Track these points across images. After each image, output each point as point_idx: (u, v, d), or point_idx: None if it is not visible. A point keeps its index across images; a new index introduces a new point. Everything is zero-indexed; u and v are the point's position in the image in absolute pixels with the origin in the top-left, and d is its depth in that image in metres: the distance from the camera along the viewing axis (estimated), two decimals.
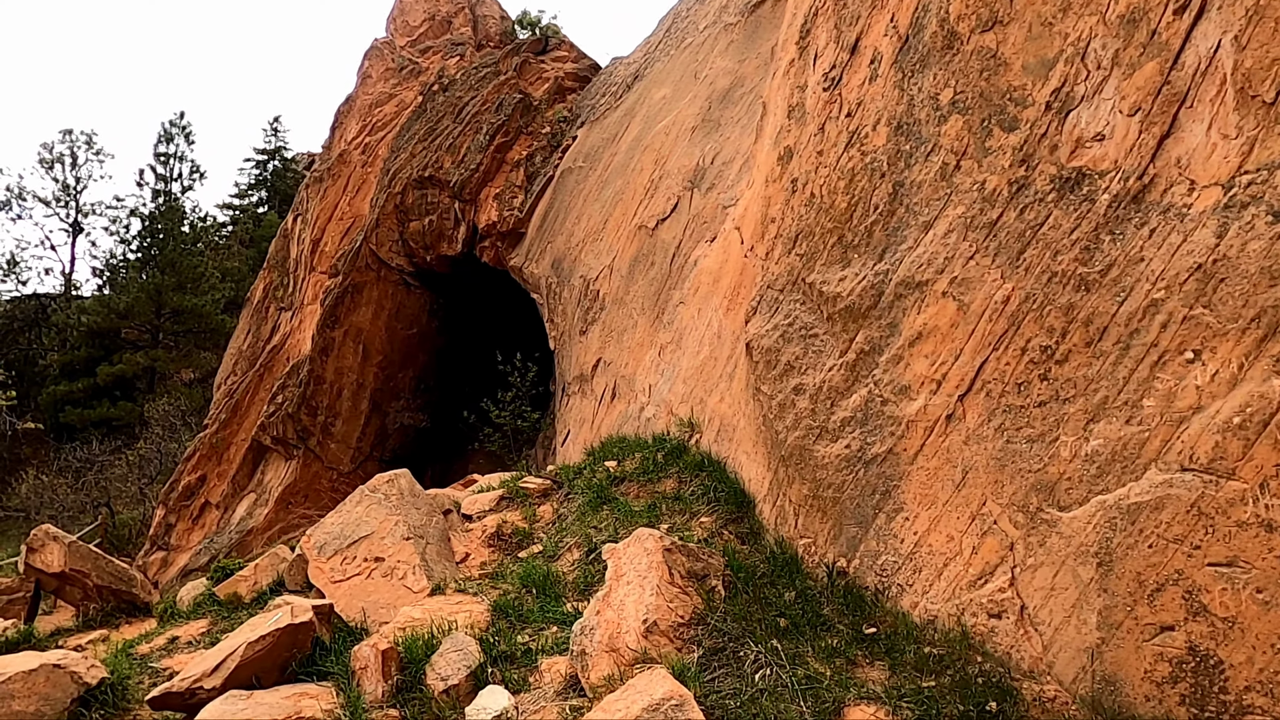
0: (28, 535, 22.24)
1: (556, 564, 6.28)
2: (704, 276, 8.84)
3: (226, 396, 18.19)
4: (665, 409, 8.68)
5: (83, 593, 8.11)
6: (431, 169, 16.92)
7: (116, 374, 29.88)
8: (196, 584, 7.85)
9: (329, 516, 6.91)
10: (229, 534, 16.57)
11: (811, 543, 5.46)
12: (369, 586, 6.26)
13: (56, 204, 35.59)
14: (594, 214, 13.84)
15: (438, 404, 19.94)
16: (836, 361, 5.80)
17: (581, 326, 12.55)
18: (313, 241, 17.92)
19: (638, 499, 6.98)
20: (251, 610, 7.08)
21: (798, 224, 6.81)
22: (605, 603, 4.69)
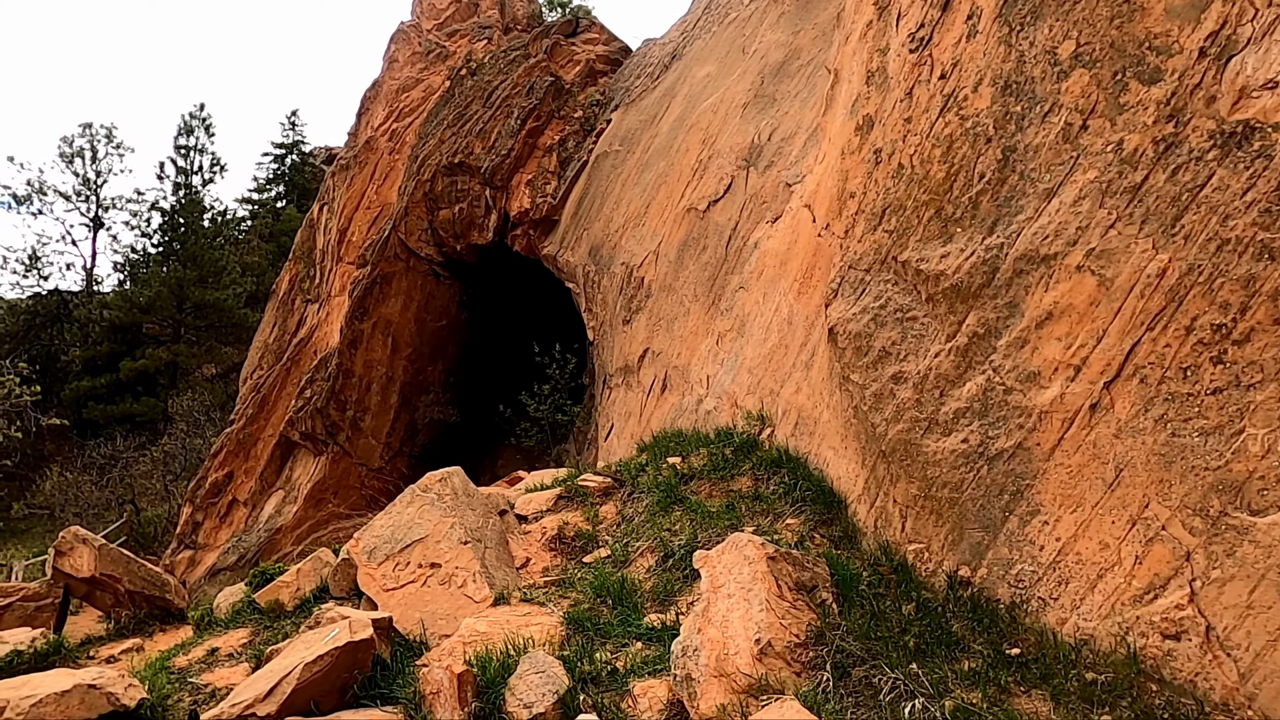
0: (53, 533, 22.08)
1: (629, 570, 5.76)
2: (768, 259, 8.28)
3: (253, 391, 17.81)
4: (729, 401, 8.14)
5: (114, 598, 7.68)
6: (461, 155, 16.43)
7: (139, 369, 29.66)
8: (234, 590, 7.40)
9: (378, 518, 6.43)
10: (257, 532, 16.20)
11: (924, 548, 4.91)
12: (425, 595, 5.76)
13: (77, 198, 35.44)
14: (634, 198, 13.31)
15: (467, 398, 19.50)
16: (943, 347, 5.23)
17: (625, 316, 12.02)
18: (339, 231, 17.48)
19: (711, 498, 6.45)
20: (295, 619, 6.61)
21: (884, 198, 6.24)
22: (705, 619, 4.16)
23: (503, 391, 21.36)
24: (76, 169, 35.35)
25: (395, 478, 18.05)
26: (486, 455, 21.40)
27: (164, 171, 32.96)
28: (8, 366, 18.11)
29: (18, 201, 34.18)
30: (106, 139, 36.14)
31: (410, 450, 18.32)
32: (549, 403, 14.09)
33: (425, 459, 19.01)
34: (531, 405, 14.48)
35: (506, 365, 21.01)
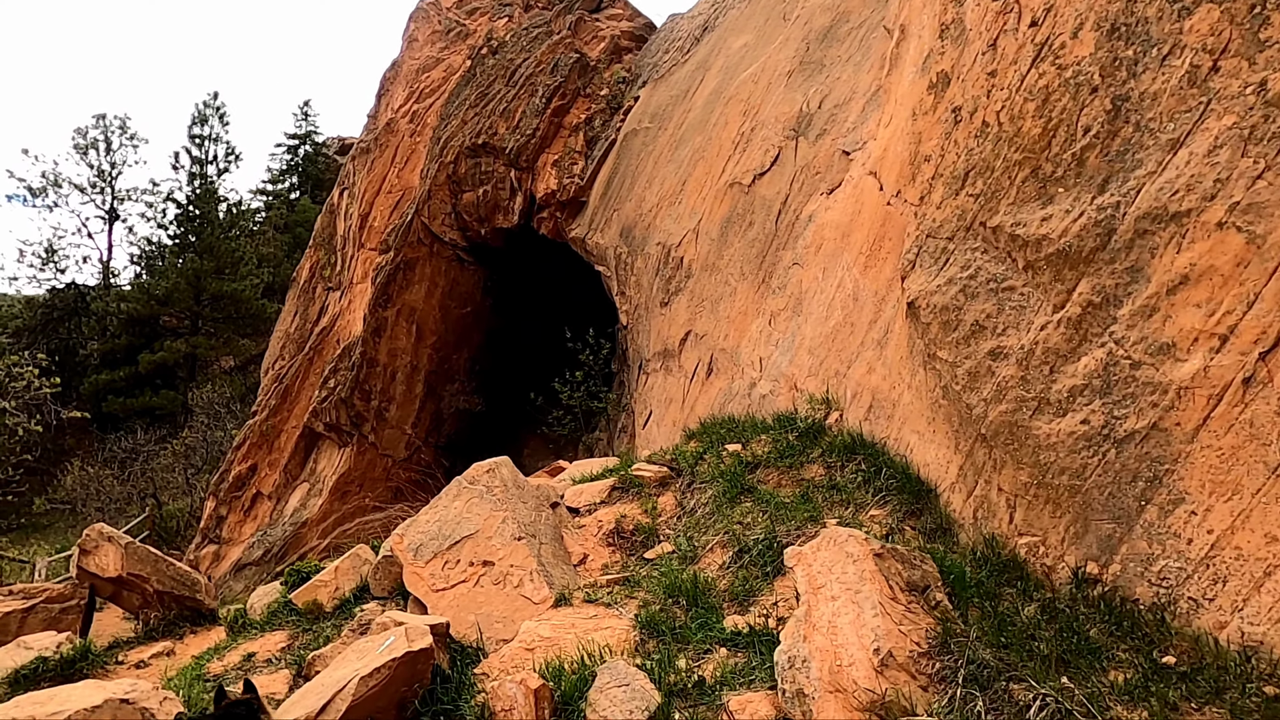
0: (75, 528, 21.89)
1: (699, 568, 5.31)
2: (827, 231, 7.78)
3: (275, 382, 17.47)
4: (787, 384, 7.67)
5: (142, 599, 7.30)
6: (485, 135, 15.96)
7: (158, 361, 29.46)
8: (269, 589, 7.01)
9: (422, 513, 6.00)
10: (283, 526, 15.88)
11: (1038, 542, 4.43)
12: (479, 596, 5.34)
13: (92, 190, 35.22)
14: (669, 176, 12.81)
15: (492, 387, 19.10)
16: (1050, 319, 4.75)
17: (663, 298, 11.55)
18: (360, 216, 17.07)
19: (781, 488, 5.99)
20: (335, 621, 6.21)
21: (966, 159, 5.74)
22: (809, 624, 3.70)
23: (529, 380, 20.94)
24: (91, 160, 35.15)
25: (421, 469, 17.69)
26: (512, 445, 21.00)
27: (179, 161, 32.73)
28: (26, 358, 17.85)
29: (33, 194, 34.05)
30: (120, 130, 35.90)
31: (436, 441, 17.94)
32: (582, 389, 13.62)
33: (451, 449, 18.65)
34: (565, 392, 14.01)
35: (532, 353, 20.58)
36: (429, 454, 17.80)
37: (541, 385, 21.53)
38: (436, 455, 17.99)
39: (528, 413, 21.36)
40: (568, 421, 14.74)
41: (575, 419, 14.82)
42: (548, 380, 21.52)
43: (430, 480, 18.23)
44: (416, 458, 17.49)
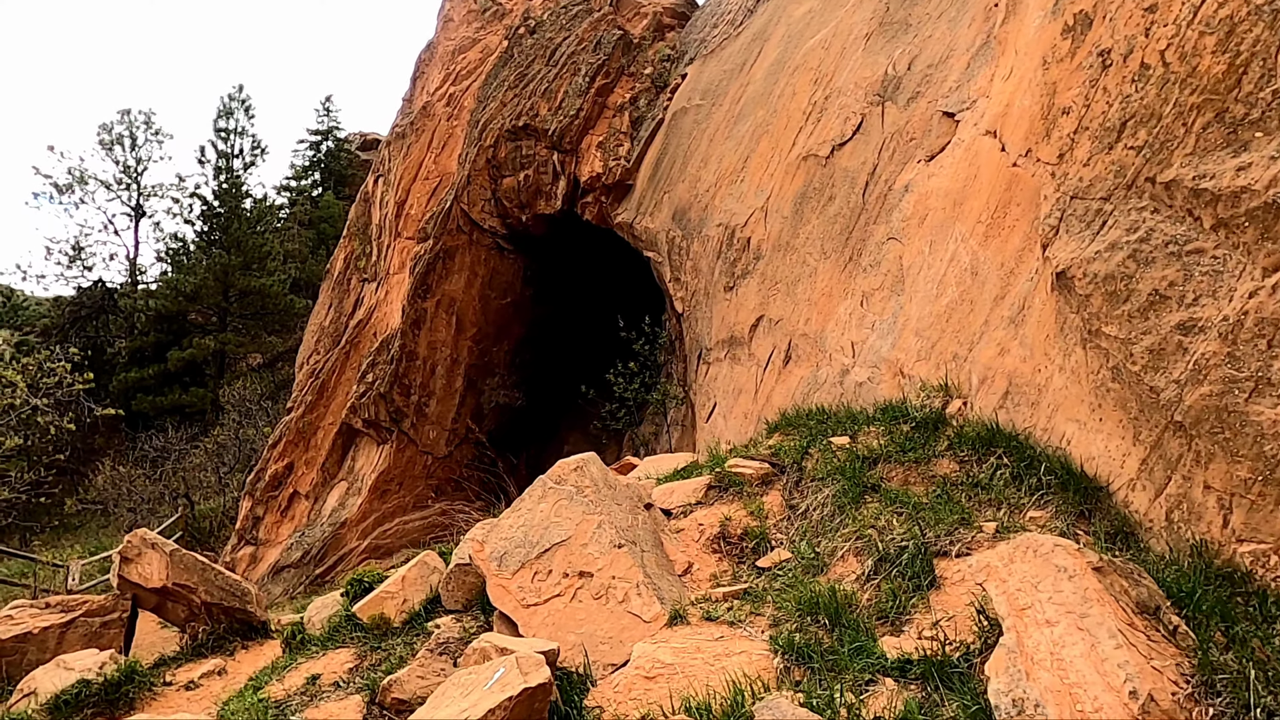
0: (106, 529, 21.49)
1: (830, 579, 4.63)
2: (932, 201, 7.06)
3: (310, 377, 16.96)
4: (889, 370, 6.96)
5: (187, 611, 6.73)
6: (526, 117, 15.33)
7: (187, 359, 29.16)
8: (327, 601, 6.41)
9: (504, 517, 5.36)
10: (321, 527, 15.37)
11: (1269, 550, 3.70)
12: (578, 613, 4.69)
13: (118, 186, 34.98)
14: (727, 153, 12.11)
15: (532, 380, 18.50)
16: (1262, 284, 4.01)
17: (727, 282, 10.86)
18: (397, 204, 16.49)
19: (910, 486, 5.29)
20: (405, 638, 5.60)
21: (1121, 108, 5.00)
22: (1024, 657, 3.01)
23: (569, 373, 20.32)
24: (116, 156, 34.90)
25: (461, 466, 17.14)
26: (553, 440, 20.42)
27: (204, 156, 32.39)
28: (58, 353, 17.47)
29: (60, 191, 33.85)
30: (145, 125, 35.66)
31: (477, 437, 17.36)
32: (638, 381, 12.94)
33: (491, 445, 18.07)
34: (619, 384, 13.34)
35: (573, 345, 19.96)
36: (469, 451, 17.23)
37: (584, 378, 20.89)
38: (476, 452, 17.41)
39: (568, 407, 20.76)
40: (622, 415, 14.08)
41: (629, 412, 14.15)
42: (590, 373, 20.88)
43: (472, 477, 17.67)
44: (457, 454, 16.92)
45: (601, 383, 16.29)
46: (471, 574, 5.87)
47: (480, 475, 17.89)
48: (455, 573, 5.85)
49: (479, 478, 17.85)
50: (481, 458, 17.64)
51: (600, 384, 14.99)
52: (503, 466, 18.98)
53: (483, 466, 17.81)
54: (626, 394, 13.29)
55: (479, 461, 17.56)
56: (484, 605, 5.51)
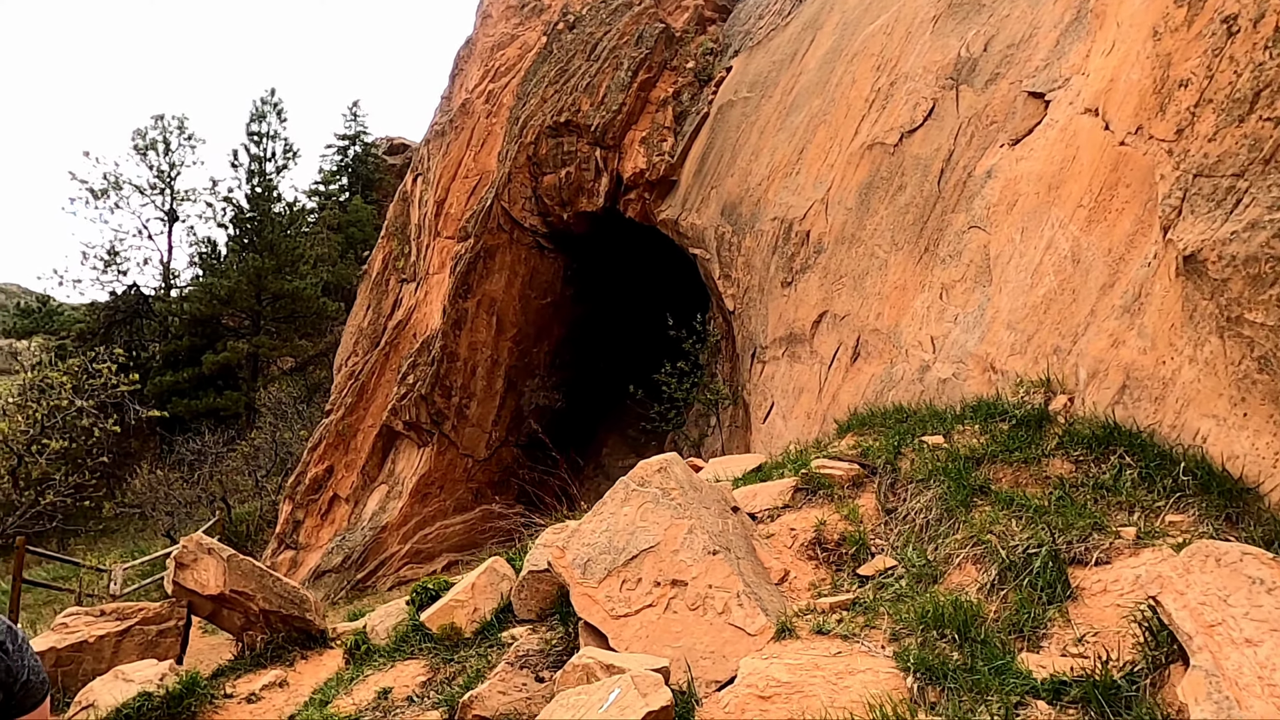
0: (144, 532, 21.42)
1: (948, 589, 4.27)
2: (1023, 186, 6.67)
3: (349, 379, 16.79)
4: (977, 365, 6.58)
5: (244, 619, 6.47)
6: (568, 113, 15.06)
7: (222, 362, 29.21)
8: (391, 609, 6.13)
9: (585, 521, 5.05)
10: (361, 531, 15.17)
11: None
12: (673, 625, 4.36)
13: (152, 191, 35.19)
14: (781, 145, 11.76)
15: (572, 382, 18.22)
16: None
17: (784, 277, 10.51)
18: (436, 203, 16.29)
19: (1022, 487, 4.92)
20: (479, 649, 5.31)
21: (1253, 77, 4.62)
22: (1228, 681, 2.65)
23: (609, 375, 20.05)
24: (150, 161, 35.11)
25: (501, 469, 16.89)
26: (591, 443, 20.15)
27: (237, 159, 32.48)
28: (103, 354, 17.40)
29: (95, 196, 34.07)
30: (179, 130, 35.84)
31: (517, 439, 17.11)
32: (689, 381, 12.59)
33: (531, 448, 17.80)
34: (670, 384, 13.00)
35: (613, 347, 19.68)
36: (509, 453, 16.98)
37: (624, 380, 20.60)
38: (516, 455, 17.16)
39: (607, 410, 20.49)
40: (672, 416, 13.74)
41: (678, 413, 13.83)
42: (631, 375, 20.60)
43: (512, 480, 17.43)
44: (496, 458, 16.68)
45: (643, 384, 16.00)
46: (546, 581, 5.57)
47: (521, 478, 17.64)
48: (528, 580, 5.56)
49: (520, 481, 17.60)
50: (522, 460, 17.39)
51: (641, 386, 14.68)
52: (544, 470, 18.73)
53: (523, 469, 17.56)
54: (677, 394, 12.94)
55: (519, 464, 17.31)
56: (563, 615, 5.22)
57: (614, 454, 20.24)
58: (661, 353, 19.36)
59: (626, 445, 20.49)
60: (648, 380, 20.41)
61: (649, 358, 20.59)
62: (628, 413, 21.16)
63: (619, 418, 20.76)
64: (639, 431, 21.37)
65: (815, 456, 6.16)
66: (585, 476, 20.09)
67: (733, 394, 12.24)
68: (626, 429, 20.79)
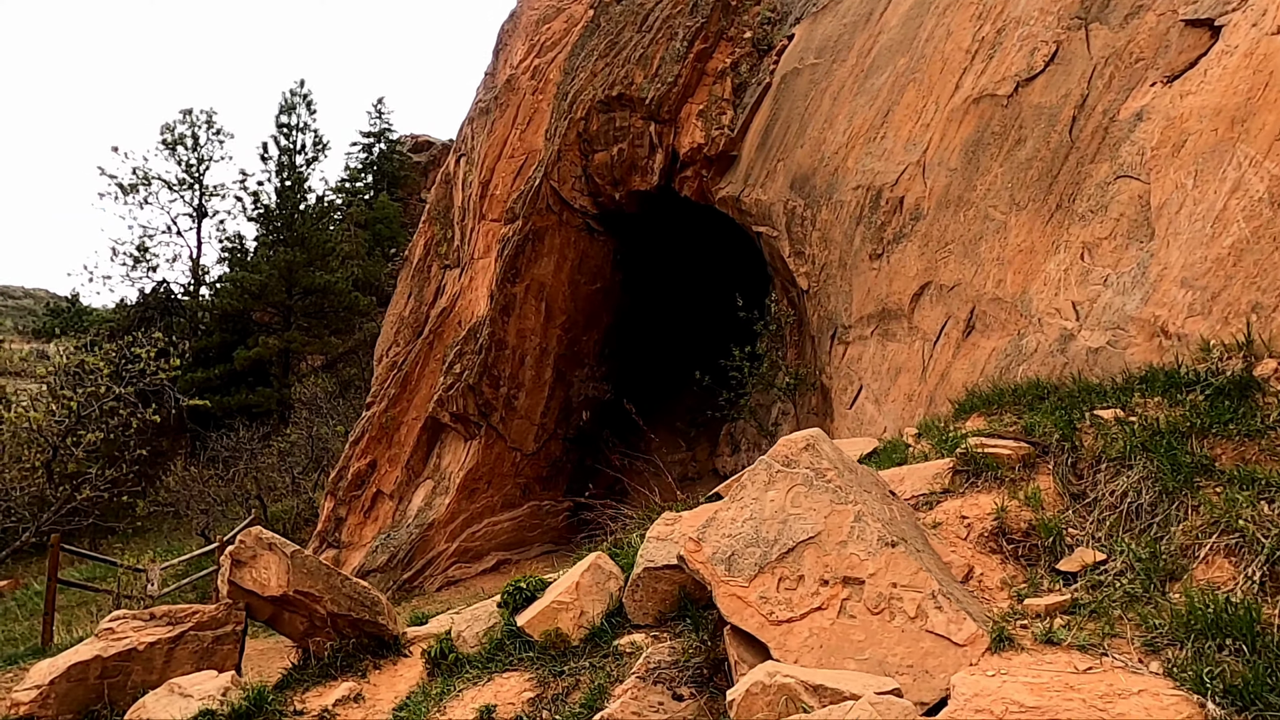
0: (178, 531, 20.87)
1: (1193, 586, 3.45)
2: (1191, 124, 5.82)
3: (392, 370, 16.14)
4: (1142, 330, 5.74)
5: (307, 623, 5.77)
6: (620, 86, 14.31)
7: (253, 358, 28.73)
8: (479, 612, 5.39)
9: (722, 509, 4.28)
10: (407, 528, 14.51)
11: None
12: (852, 632, 3.59)
13: (181, 186, 34.80)
14: (860, 110, 10.94)
15: (619, 373, 17.46)
16: None
17: (873, 249, 9.69)
18: (481, 185, 15.59)
19: (1254, 464, 4.08)
20: (593, 659, 4.56)
21: None
22: None
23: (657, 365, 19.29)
24: (179, 156, 34.73)
25: (549, 463, 16.17)
26: (635, 437, 19.37)
27: (267, 152, 31.99)
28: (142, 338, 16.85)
29: (124, 191, 33.77)
30: (207, 125, 35.47)
31: (565, 433, 16.38)
32: (765, 363, 11.74)
33: (579, 442, 17.10)
34: (743, 369, 12.18)
35: (662, 336, 18.92)
36: (557, 447, 16.26)
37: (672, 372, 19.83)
38: (564, 448, 16.44)
39: (655, 402, 19.71)
40: (743, 401, 12.92)
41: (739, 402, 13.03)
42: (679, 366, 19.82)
43: (560, 476, 16.71)
44: (545, 451, 15.96)
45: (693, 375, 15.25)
46: (665, 580, 4.81)
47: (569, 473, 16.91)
48: (644, 579, 4.80)
49: (568, 475, 16.88)
50: (570, 454, 16.67)
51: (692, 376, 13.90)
52: (592, 464, 17.99)
53: (570, 464, 16.83)
54: (748, 379, 12.10)
55: (567, 458, 16.59)
56: (695, 620, 4.46)
57: (663, 447, 19.46)
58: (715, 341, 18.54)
59: (676, 439, 19.72)
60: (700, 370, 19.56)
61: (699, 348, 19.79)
62: (676, 406, 20.38)
63: (667, 411, 19.98)
64: (688, 425, 20.59)
65: (968, 436, 5.34)
66: (635, 471, 19.33)
67: (815, 378, 11.39)
68: (675, 422, 20.01)
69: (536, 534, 15.56)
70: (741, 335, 14.22)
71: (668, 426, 19.97)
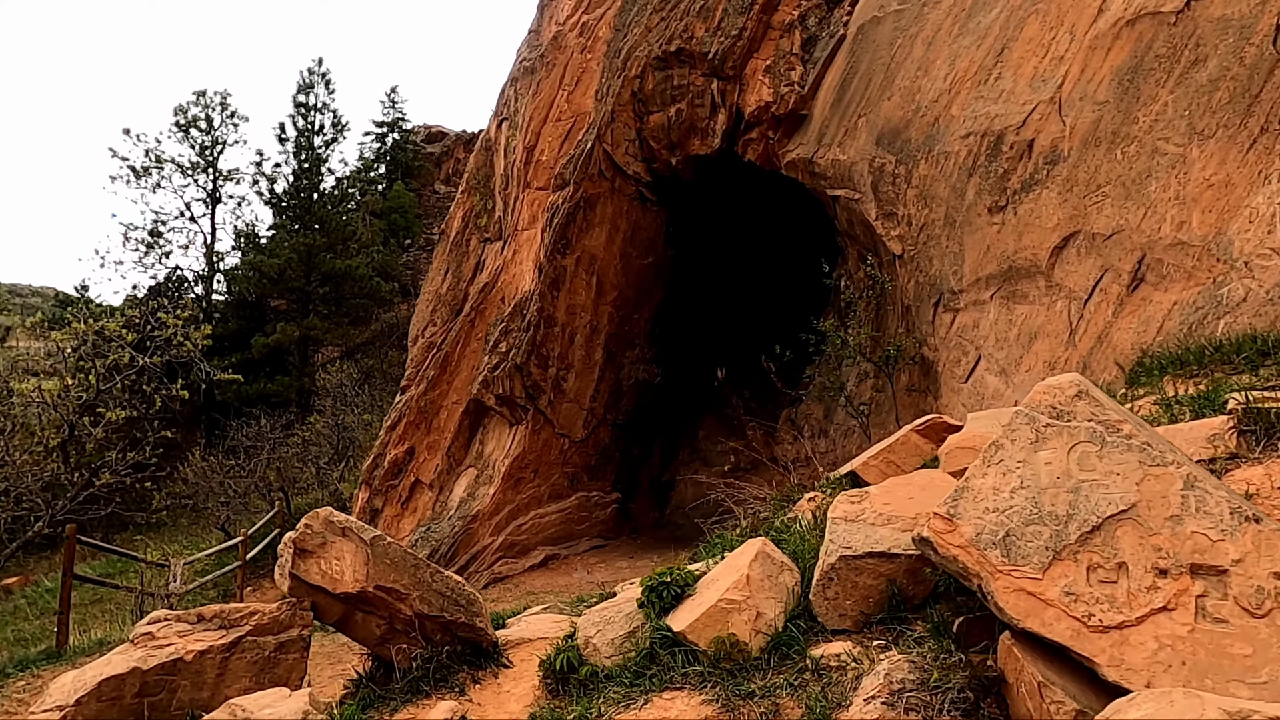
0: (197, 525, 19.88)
1: None
2: None
3: (427, 350, 15.14)
4: None
5: (386, 626, 4.76)
6: (678, 41, 13.26)
7: (272, 345, 27.77)
8: (610, 611, 4.36)
9: (975, 477, 3.22)
10: (449, 520, 13.52)
11: None
12: (1230, 645, 2.55)
13: (194, 170, 33.86)
14: (964, 52, 9.87)
15: (670, 356, 16.43)
16: None
17: (993, 201, 8.63)
18: (526, 149, 14.56)
19: None
20: (788, 677, 3.57)
21: None
22: None
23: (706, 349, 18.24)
24: (193, 139, 33.79)
25: (598, 451, 15.15)
26: (686, 426, 18.35)
27: (284, 133, 31.02)
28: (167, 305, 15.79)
29: (136, 175, 32.85)
30: (221, 107, 34.51)
31: (614, 418, 15.36)
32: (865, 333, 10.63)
33: (627, 429, 16.07)
34: (837, 340, 11.08)
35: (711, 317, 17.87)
36: (605, 434, 15.24)
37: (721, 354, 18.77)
38: (613, 435, 15.42)
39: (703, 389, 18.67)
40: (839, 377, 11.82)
41: (814, 380, 11.96)
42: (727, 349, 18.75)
43: (608, 466, 15.69)
44: (595, 438, 14.95)
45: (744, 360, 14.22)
46: (868, 573, 3.79)
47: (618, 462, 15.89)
48: (840, 571, 3.77)
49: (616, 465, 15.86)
50: (618, 442, 15.64)
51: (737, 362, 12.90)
52: (640, 455, 16.97)
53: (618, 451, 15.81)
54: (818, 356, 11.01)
55: (615, 445, 15.56)
56: (938, 625, 3.41)
57: (710, 437, 18.43)
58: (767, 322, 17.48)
59: (724, 428, 18.66)
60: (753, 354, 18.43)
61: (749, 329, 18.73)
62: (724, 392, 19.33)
63: (715, 397, 18.93)
64: (737, 412, 19.54)
65: (1222, 392, 4.28)
66: (680, 462, 18.30)
67: (915, 350, 10.29)
68: (724, 409, 18.95)
69: (584, 527, 14.55)
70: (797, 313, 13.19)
71: (716, 415, 18.91)
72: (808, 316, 15.26)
